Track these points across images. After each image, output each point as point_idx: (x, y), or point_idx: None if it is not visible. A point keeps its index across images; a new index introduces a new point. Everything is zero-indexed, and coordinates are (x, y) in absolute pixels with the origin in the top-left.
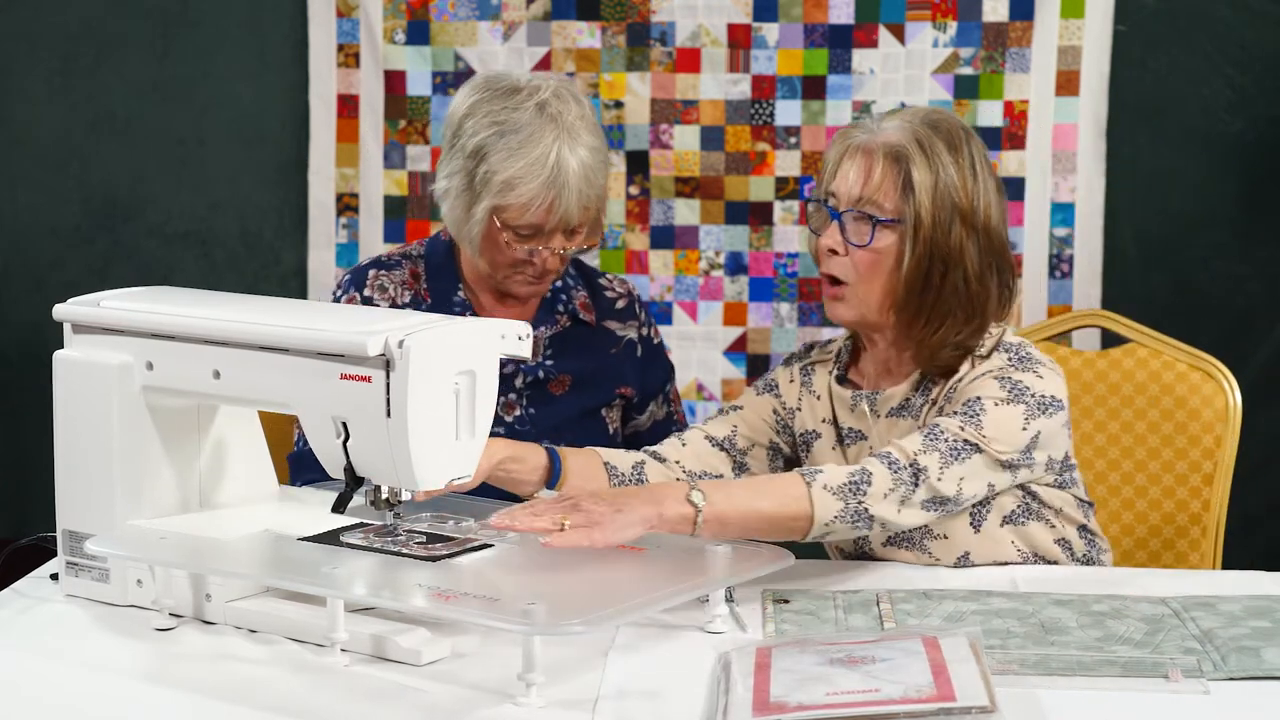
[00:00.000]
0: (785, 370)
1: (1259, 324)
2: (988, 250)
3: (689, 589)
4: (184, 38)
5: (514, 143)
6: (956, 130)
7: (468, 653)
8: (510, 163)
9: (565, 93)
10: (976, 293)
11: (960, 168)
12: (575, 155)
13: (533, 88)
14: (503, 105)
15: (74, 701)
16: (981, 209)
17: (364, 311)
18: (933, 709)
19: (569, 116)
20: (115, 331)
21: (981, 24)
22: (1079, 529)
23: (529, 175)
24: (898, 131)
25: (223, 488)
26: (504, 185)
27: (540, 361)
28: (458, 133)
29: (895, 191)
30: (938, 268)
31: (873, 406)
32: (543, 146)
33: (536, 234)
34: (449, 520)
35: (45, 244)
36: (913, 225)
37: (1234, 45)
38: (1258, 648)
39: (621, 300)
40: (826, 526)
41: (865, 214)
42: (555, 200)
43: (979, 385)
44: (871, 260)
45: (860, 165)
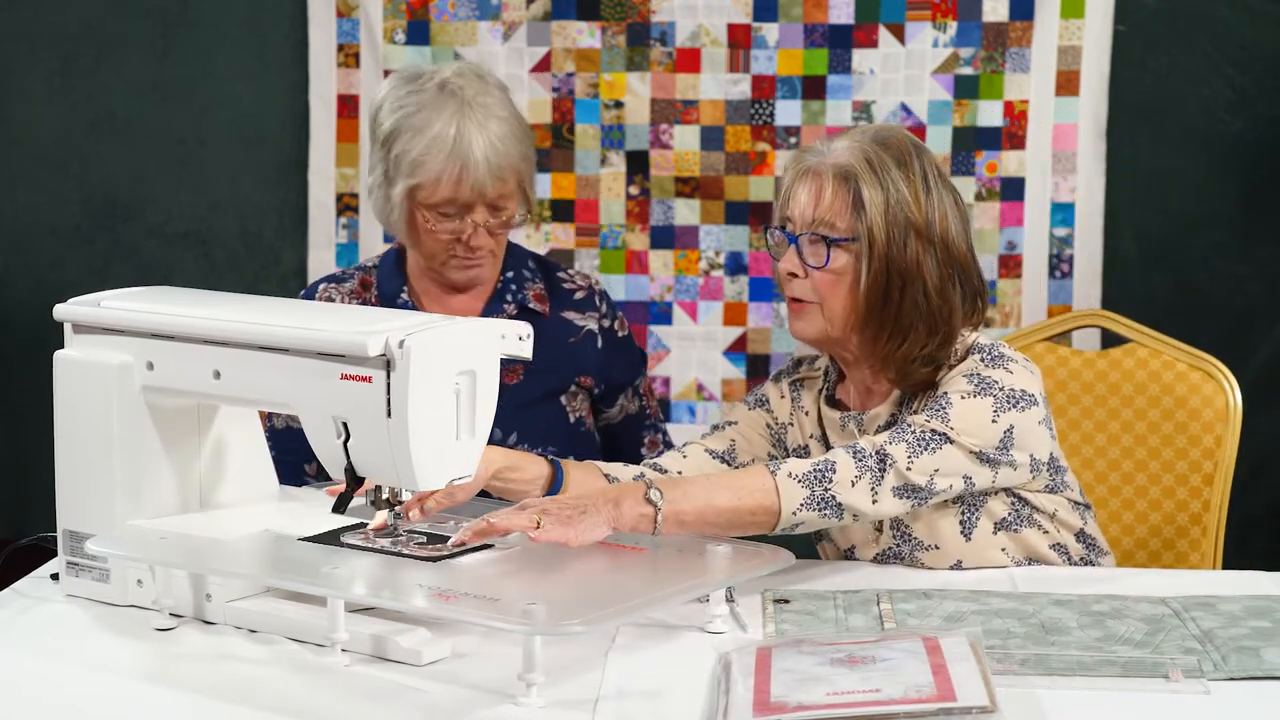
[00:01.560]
0: (775, 386)
1: (1259, 324)
2: (946, 262)
3: (689, 589)
4: (184, 38)
5: (418, 122)
6: (906, 146)
7: (468, 653)
8: (415, 141)
9: (468, 71)
10: (938, 306)
11: (911, 183)
12: (477, 125)
13: (435, 72)
14: (407, 90)
15: (74, 701)
16: (937, 222)
17: (364, 311)
18: (933, 709)
19: (469, 91)
20: (115, 331)
21: (981, 24)
22: (1076, 534)
23: (433, 149)
24: (846, 152)
25: (223, 488)
26: (412, 165)
27: None
28: (374, 124)
29: (847, 211)
30: (895, 283)
31: (860, 426)
32: (443, 121)
33: (456, 210)
34: (449, 520)
35: (45, 244)
36: (867, 243)
37: (1234, 45)
38: (1258, 648)
39: (580, 292)
40: (795, 515)
41: (819, 235)
42: (462, 171)
43: (946, 383)
44: (830, 280)
45: (811, 187)
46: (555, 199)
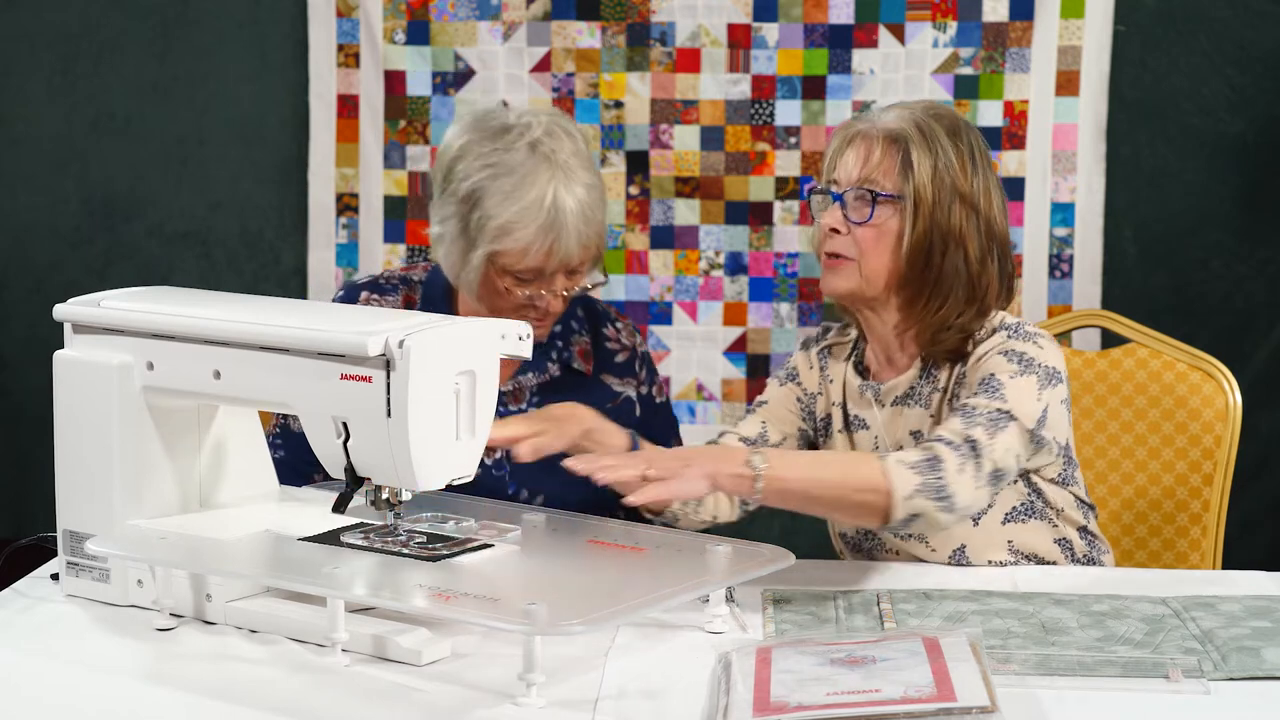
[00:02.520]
0: (804, 355)
1: (1259, 324)
2: (988, 235)
3: (689, 589)
4: (184, 38)
5: (508, 185)
6: (957, 120)
7: (468, 653)
8: (505, 207)
9: (557, 129)
10: (977, 274)
11: (960, 153)
12: (572, 194)
13: (523, 126)
14: (494, 146)
15: (74, 701)
16: (980, 195)
17: (364, 311)
18: (933, 709)
19: (563, 154)
20: (115, 331)
21: (981, 24)
22: (1079, 530)
23: (525, 219)
24: (898, 119)
25: (223, 488)
26: (500, 230)
27: (521, 409)
28: (449, 176)
29: (895, 171)
30: (938, 245)
31: (877, 396)
32: (538, 188)
33: (537, 277)
34: (449, 520)
35: (45, 244)
36: (913, 202)
37: (1234, 45)
38: (1258, 648)
39: (622, 354)
40: (909, 502)
41: (866, 190)
42: (554, 243)
43: (988, 364)
44: (873, 236)
45: (860, 149)
46: None
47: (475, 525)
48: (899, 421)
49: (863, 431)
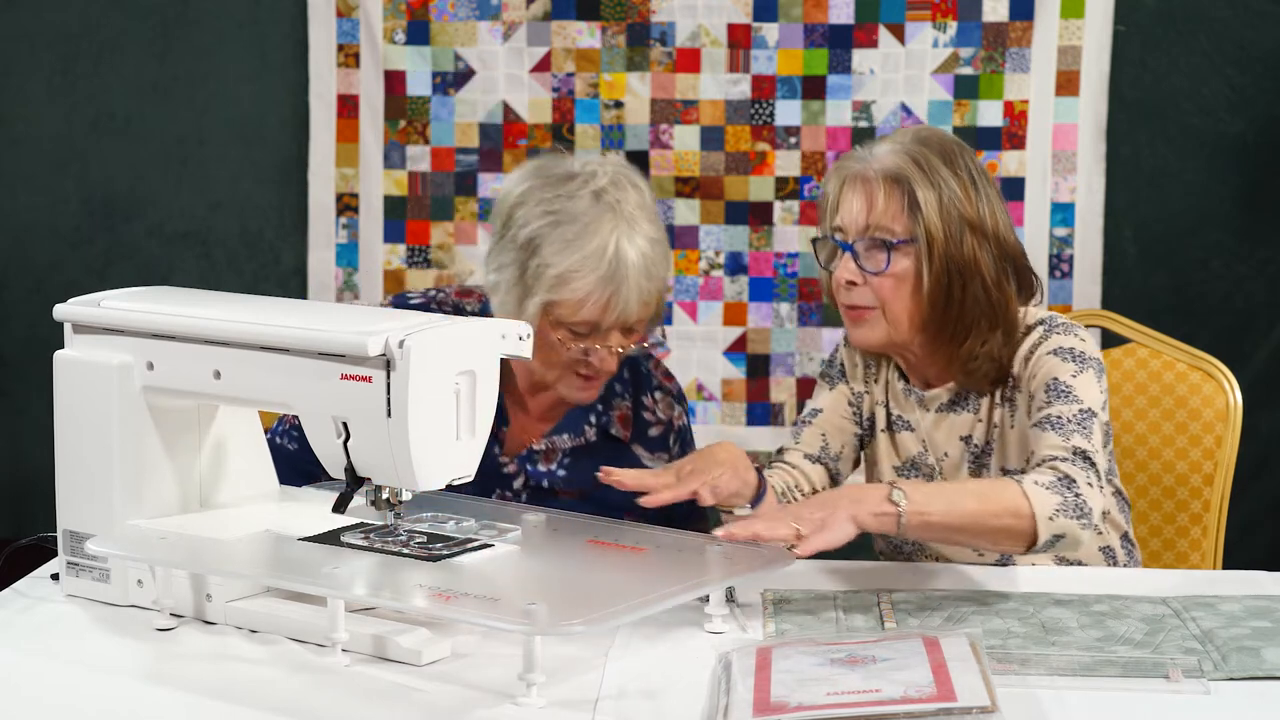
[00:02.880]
0: (849, 352)
1: (1259, 324)
2: (1001, 256)
3: (689, 589)
4: (184, 38)
5: (569, 233)
6: (949, 144)
7: (468, 653)
8: (565, 255)
9: (623, 179)
10: (997, 300)
11: (960, 179)
12: (635, 246)
13: (588, 174)
14: (556, 193)
15: (74, 701)
16: (988, 216)
17: (364, 311)
18: (933, 709)
19: (628, 205)
20: (115, 331)
21: (981, 24)
22: (1122, 537)
23: (585, 268)
24: (892, 155)
25: (223, 488)
26: (558, 279)
27: (551, 470)
28: (508, 222)
29: (903, 213)
30: (956, 280)
31: (921, 402)
32: (600, 237)
33: (592, 332)
34: (449, 521)
35: (45, 244)
36: (925, 243)
37: (1234, 45)
38: (1258, 648)
39: (656, 428)
40: (1052, 522)
41: (877, 240)
42: (613, 296)
43: (1044, 367)
44: (891, 284)
45: (862, 194)
46: None
47: (475, 525)
48: (945, 426)
49: (906, 433)
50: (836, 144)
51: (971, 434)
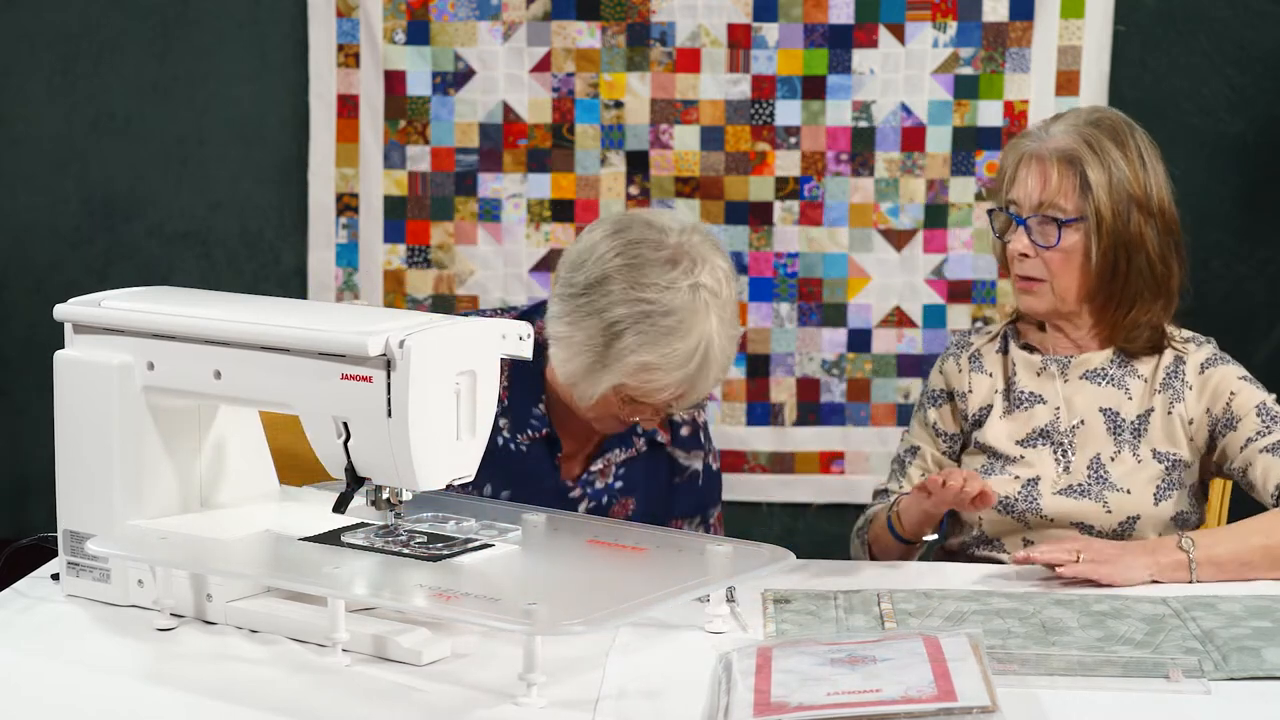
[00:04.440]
0: (951, 363)
1: (1259, 324)
2: (1165, 230)
3: (689, 589)
4: (184, 38)
5: (661, 327)
6: (1120, 125)
7: (468, 653)
8: (653, 349)
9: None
10: (1161, 273)
11: (1129, 160)
12: (719, 337)
13: (688, 263)
14: (653, 280)
15: (74, 701)
16: (1154, 194)
17: (364, 311)
18: (933, 709)
19: (724, 294)
20: (116, 331)
21: (981, 24)
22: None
23: (671, 365)
24: (1066, 136)
25: (223, 488)
26: (641, 368)
27: (609, 484)
28: (592, 289)
29: (1074, 192)
30: (1122, 255)
31: (1063, 370)
32: (693, 338)
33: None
34: (449, 521)
35: (45, 244)
36: (1095, 221)
37: (1233, 45)
38: (1258, 648)
39: (686, 428)
40: None
41: (1049, 217)
42: (689, 390)
43: (1238, 393)
44: (1061, 258)
45: (1036, 172)
46: (555, 199)
47: (475, 525)
48: (1084, 395)
49: (1039, 406)
50: (836, 144)
51: (1116, 408)
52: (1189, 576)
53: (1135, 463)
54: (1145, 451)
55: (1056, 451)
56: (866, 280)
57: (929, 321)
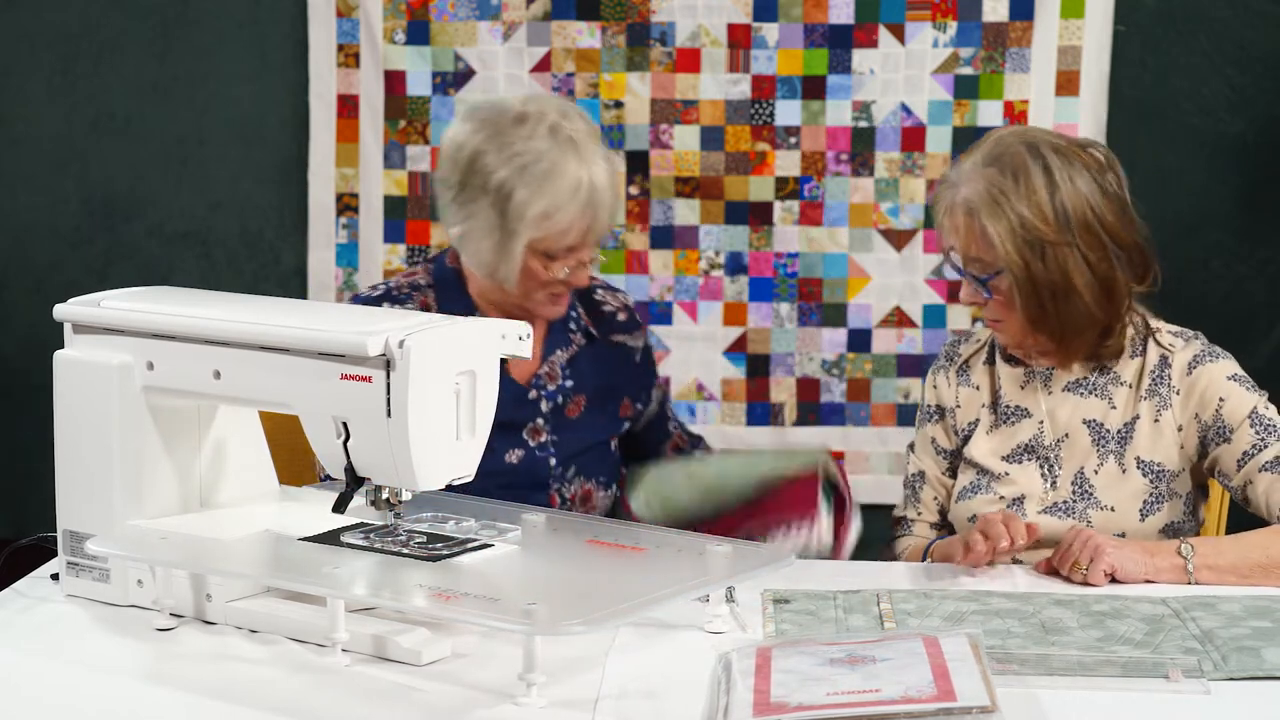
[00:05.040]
0: (941, 377)
1: (1259, 324)
2: (1094, 247)
3: (689, 589)
4: (184, 38)
5: (539, 172)
6: (1018, 155)
7: (468, 653)
8: (540, 195)
9: (570, 111)
10: (1098, 296)
11: (1032, 193)
12: (600, 171)
13: (538, 113)
14: (516, 136)
15: (74, 701)
16: (1072, 216)
17: (364, 311)
18: (933, 709)
19: (581, 134)
20: (115, 331)
21: (981, 24)
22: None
23: (564, 203)
24: (967, 183)
25: (223, 488)
26: (540, 217)
27: (560, 384)
28: (470, 173)
29: (984, 246)
30: (1048, 297)
31: (1046, 383)
32: (571, 172)
33: (571, 254)
34: (449, 521)
35: (45, 244)
36: (1009, 271)
37: (1234, 45)
38: (1258, 648)
39: (622, 313)
40: None
41: (971, 274)
42: (593, 220)
43: (1232, 395)
44: (1000, 305)
45: (950, 225)
46: None
47: (475, 525)
48: (1067, 407)
49: (1025, 420)
50: (836, 144)
51: (1101, 419)
52: (1186, 580)
53: (1120, 473)
54: (1130, 461)
55: (1042, 467)
56: (866, 280)
57: (929, 321)
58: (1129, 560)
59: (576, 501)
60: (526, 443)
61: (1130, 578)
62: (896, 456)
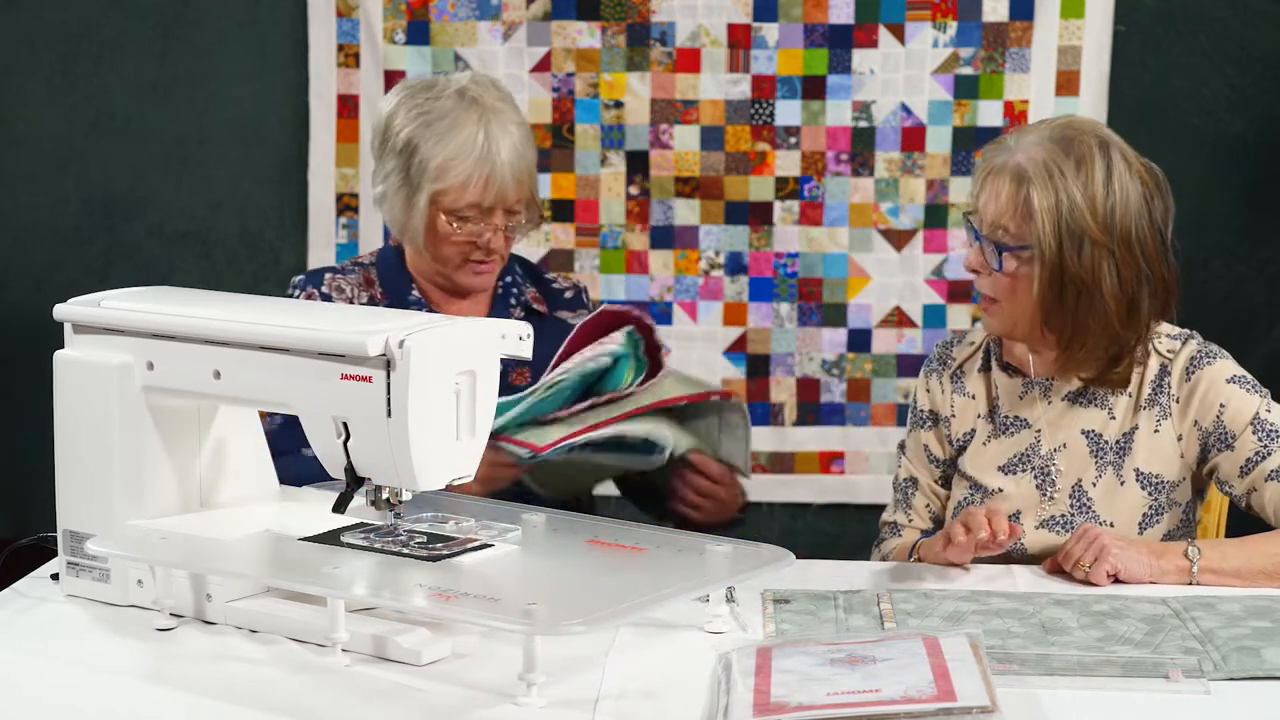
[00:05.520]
0: (935, 381)
1: (1259, 324)
2: (1128, 263)
3: (689, 589)
4: (184, 38)
5: (441, 128)
6: (1088, 144)
7: (468, 653)
8: (440, 147)
9: (483, 79)
10: (1118, 311)
11: (1089, 186)
12: (504, 130)
13: (450, 79)
14: (425, 98)
15: (74, 701)
16: (1118, 224)
17: (364, 311)
18: (933, 709)
19: (489, 98)
20: (115, 331)
21: (981, 24)
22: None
23: (461, 154)
24: (1027, 150)
25: (223, 488)
26: (439, 170)
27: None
28: (386, 133)
29: (1019, 216)
30: (1070, 292)
31: (1045, 393)
32: (469, 127)
33: (478, 214)
34: (449, 520)
35: (45, 244)
36: (1039, 250)
37: (1233, 45)
38: (1258, 648)
39: (569, 291)
40: None
41: (993, 240)
42: (490, 175)
43: (1233, 400)
44: (1009, 283)
45: (991, 188)
46: (555, 199)
47: (475, 525)
48: (1068, 417)
49: (1024, 431)
50: (836, 144)
51: (1099, 430)
52: (1189, 582)
53: (1118, 486)
54: (1129, 473)
55: (1038, 478)
56: (866, 280)
57: (929, 321)
58: (1134, 562)
59: None
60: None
61: (1135, 579)
62: (892, 459)
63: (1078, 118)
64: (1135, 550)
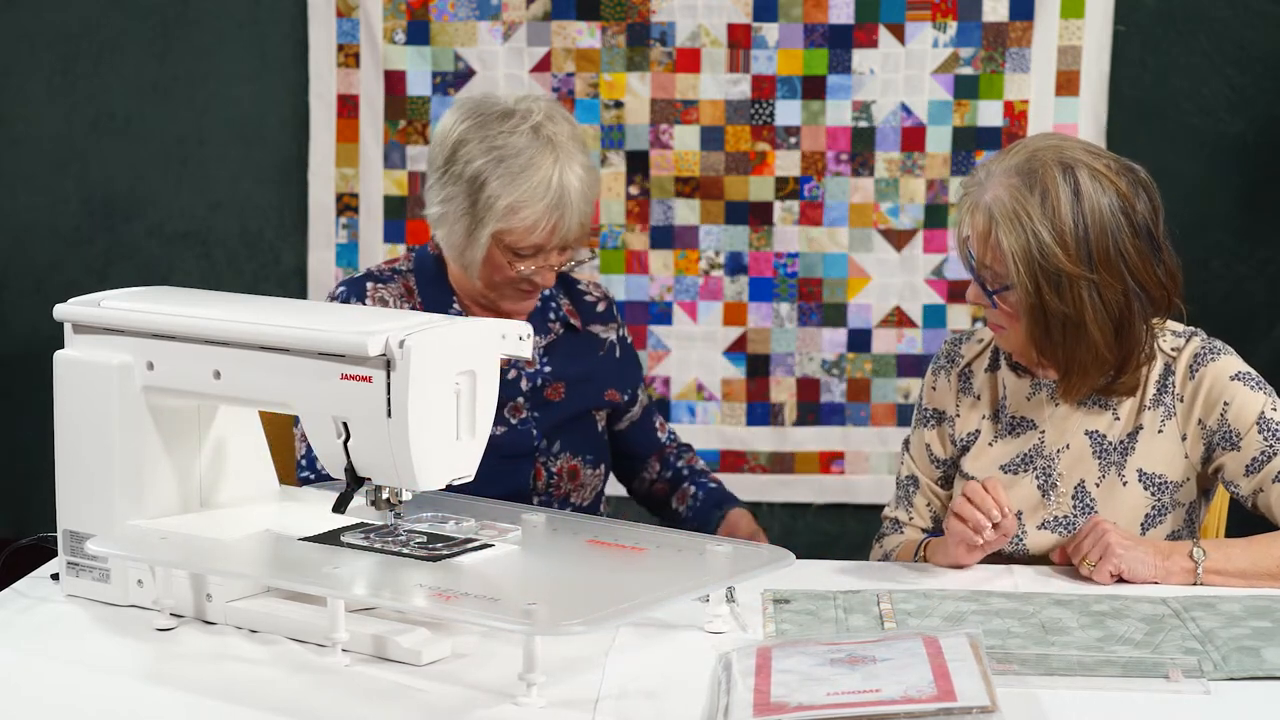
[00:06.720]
0: (942, 379)
1: (1259, 324)
2: (1111, 284)
3: (689, 589)
4: (184, 38)
5: (514, 168)
6: (1050, 172)
7: (468, 653)
8: (512, 189)
9: (556, 114)
10: (1103, 340)
11: (1057, 218)
12: (574, 175)
13: (525, 111)
14: (498, 130)
15: (74, 701)
16: (1093, 248)
17: (364, 311)
18: (933, 709)
19: (562, 137)
20: (115, 331)
21: (981, 24)
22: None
23: (532, 200)
24: (994, 186)
25: (223, 488)
26: (508, 210)
27: (539, 369)
28: (452, 159)
29: (995, 259)
30: (1056, 327)
31: (1052, 395)
32: (543, 170)
33: (537, 253)
34: (449, 520)
35: (45, 244)
36: (1019, 293)
37: (1233, 45)
38: (1258, 648)
39: (601, 304)
40: None
41: (980, 280)
42: (559, 221)
43: (1237, 398)
44: (1004, 315)
45: (969, 224)
46: None
47: (475, 525)
48: (1074, 419)
49: (1029, 432)
50: (836, 144)
51: (1103, 430)
52: (1194, 582)
53: (1120, 487)
54: (1131, 474)
55: (1040, 479)
56: (866, 280)
57: (929, 321)
58: (1138, 563)
59: (564, 475)
60: (508, 420)
61: (1139, 579)
62: (896, 456)
63: (1041, 141)
64: (1141, 550)
